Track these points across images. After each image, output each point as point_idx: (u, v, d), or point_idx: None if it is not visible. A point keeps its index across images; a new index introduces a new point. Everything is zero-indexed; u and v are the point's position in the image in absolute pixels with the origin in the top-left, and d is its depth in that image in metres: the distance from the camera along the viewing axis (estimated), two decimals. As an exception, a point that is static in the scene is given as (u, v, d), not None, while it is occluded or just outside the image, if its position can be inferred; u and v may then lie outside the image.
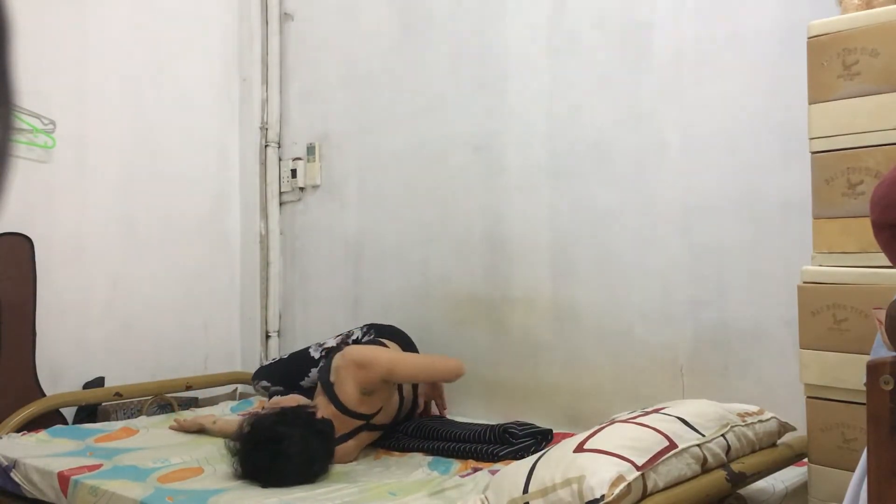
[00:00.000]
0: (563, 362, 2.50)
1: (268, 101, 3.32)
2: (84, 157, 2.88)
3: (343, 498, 1.79)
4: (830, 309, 1.56)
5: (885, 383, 0.97)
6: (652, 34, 2.35)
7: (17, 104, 0.52)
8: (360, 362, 2.11)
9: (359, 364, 2.11)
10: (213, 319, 3.27)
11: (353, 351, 2.18)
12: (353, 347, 2.23)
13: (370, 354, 2.16)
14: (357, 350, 2.20)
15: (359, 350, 2.20)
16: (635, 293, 2.37)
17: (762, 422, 1.77)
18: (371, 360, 2.12)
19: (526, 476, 1.46)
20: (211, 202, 3.28)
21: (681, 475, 1.50)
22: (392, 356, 2.23)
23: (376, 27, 3.01)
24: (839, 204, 1.58)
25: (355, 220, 3.07)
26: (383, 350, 2.27)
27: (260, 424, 1.95)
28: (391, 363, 2.16)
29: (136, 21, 3.04)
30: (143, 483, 1.94)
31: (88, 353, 2.87)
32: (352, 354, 2.15)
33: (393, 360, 2.20)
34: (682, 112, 2.29)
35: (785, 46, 2.10)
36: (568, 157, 2.51)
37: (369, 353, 2.17)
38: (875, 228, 1.10)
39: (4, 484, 2.16)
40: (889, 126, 1.52)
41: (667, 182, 2.32)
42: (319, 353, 2.52)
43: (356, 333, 2.54)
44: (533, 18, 2.59)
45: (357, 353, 2.17)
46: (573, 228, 2.50)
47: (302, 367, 2.52)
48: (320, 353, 2.51)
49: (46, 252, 2.75)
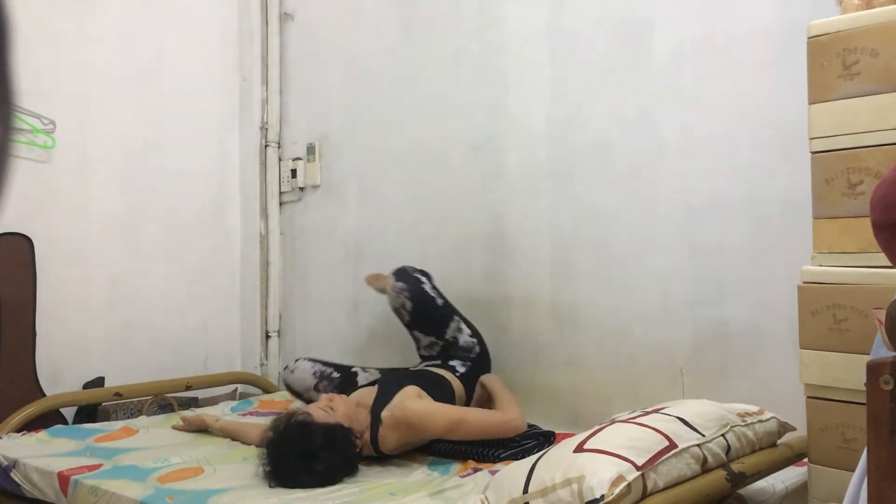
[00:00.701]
0: (563, 362, 2.50)
1: (268, 101, 3.32)
2: (84, 157, 2.88)
3: (343, 498, 1.79)
4: (830, 309, 1.56)
5: (885, 383, 0.97)
6: (652, 34, 2.35)
7: (17, 104, 0.52)
8: (414, 425, 2.02)
9: (411, 425, 2.02)
10: (213, 319, 3.27)
11: (411, 409, 2.03)
12: (413, 405, 2.05)
13: (428, 418, 2.03)
14: (416, 410, 2.04)
15: (417, 410, 2.04)
16: (635, 293, 2.37)
17: (762, 422, 1.77)
18: (426, 425, 2.02)
19: (526, 476, 1.46)
20: (211, 202, 3.28)
21: (681, 475, 1.50)
22: (450, 421, 2.04)
23: (376, 27, 3.01)
24: (839, 204, 1.58)
25: (355, 220, 3.07)
26: (443, 413, 2.06)
27: (303, 431, 1.94)
28: (447, 429, 2.03)
29: (137, 21, 3.04)
30: (142, 483, 1.94)
31: (88, 353, 2.87)
32: (408, 413, 2.02)
33: (450, 425, 2.04)
34: (682, 112, 2.29)
35: (785, 46, 2.10)
36: (568, 158, 2.51)
37: (427, 417, 2.03)
38: (875, 228, 1.10)
39: (4, 484, 2.16)
40: (889, 126, 1.52)
41: (667, 182, 2.32)
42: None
43: (459, 368, 2.42)
44: (533, 18, 2.59)
45: (414, 413, 2.02)
46: (573, 228, 2.50)
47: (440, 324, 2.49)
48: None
49: (46, 252, 2.75)
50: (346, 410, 2.07)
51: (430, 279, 2.56)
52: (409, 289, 2.46)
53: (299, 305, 3.25)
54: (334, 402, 2.09)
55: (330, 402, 2.08)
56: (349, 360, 3.04)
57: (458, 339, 2.47)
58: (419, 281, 2.50)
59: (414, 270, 2.56)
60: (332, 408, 2.06)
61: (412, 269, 2.56)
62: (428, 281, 2.54)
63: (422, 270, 2.58)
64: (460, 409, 2.12)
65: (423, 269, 2.59)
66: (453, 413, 2.07)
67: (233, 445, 2.33)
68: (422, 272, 2.57)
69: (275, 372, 3.28)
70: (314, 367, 2.53)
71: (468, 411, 2.13)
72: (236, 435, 2.40)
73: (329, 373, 2.52)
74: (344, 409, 2.07)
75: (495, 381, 2.34)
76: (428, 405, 2.08)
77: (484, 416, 2.11)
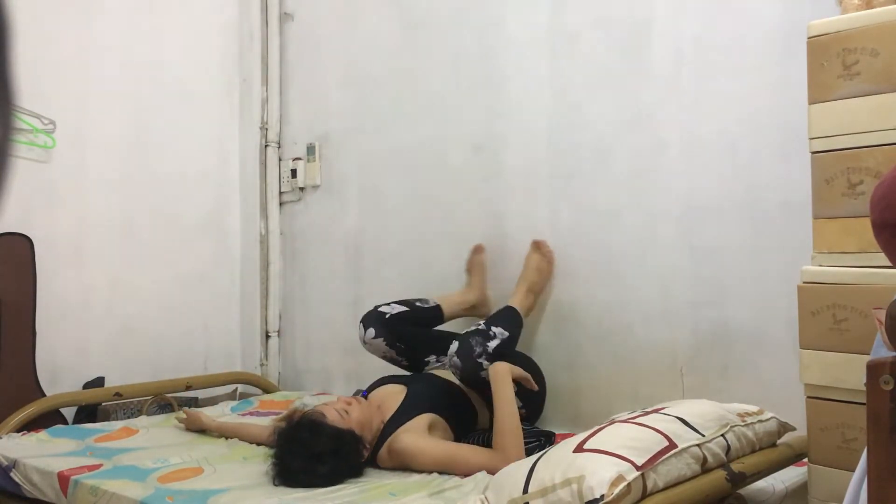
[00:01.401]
0: (563, 362, 2.50)
1: (268, 101, 3.32)
2: (84, 157, 2.88)
3: (343, 498, 1.79)
4: (830, 309, 1.56)
5: (885, 383, 0.97)
6: (652, 34, 2.35)
7: (17, 104, 0.52)
8: (405, 460, 1.99)
9: (403, 460, 1.99)
10: (213, 319, 3.27)
11: (407, 446, 1.99)
12: (410, 442, 1.99)
13: (420, 458, 1.97)
14: (410, 448, 1.98)
15: (411, 449, 1.98)
16: (635, 293, 2.37)
17: (762, 422, 1.77)
18: (416, 464, 1.98)
19: (526, 476, 1.46)
20: (211, 202, 3.28)
21: (681, 475, 1.50)
22: (439, 464, 1.97)
23: (376, 27, 3.01)
24: (839, 204, 1.58)
25: (355, 220, 3.07)
26: (433, 456, 1.98)
27: (313, 432, 1.92)
28: (437, 469, 1.96)
29: (136, 21, 3.04)
30: (143, 483, 1.94)
31: (88, 354, 2.87)
32: (402, 448, 1.99)
33: (440, 467, 1.96)
34: (682, 112, 2.29)
35: (785, 46, 2.10)
36: (568, 158, 2.51)
37: (420, 457, 1.97)
38: (875, 229, 1.10)
39: (4, 484, 2.16)
40: (889, 126, 1.52)
41: (667, 182, 2.32)
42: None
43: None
44: (533, 18, 2.59)
45: (406, 451, 1.98)
46: (573, 228, 2.50)
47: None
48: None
49: (46, 252, 2.75)
50: (361, 417, 2.04)
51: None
52: (462, 370, 2.20)
53: (299, 305, 3.25)
54: (351, 407, 2.05)
55: (347, 406, 2.05)
56: (351, 359, 3.04)
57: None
58: (479, 367, 2.18)
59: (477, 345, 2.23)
60: (347, 412, 2.02)
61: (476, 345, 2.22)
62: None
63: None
64: (453, 453, 1.99)
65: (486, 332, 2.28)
66: (444, 457, 1.97)
67: (233, 445, 2.33)
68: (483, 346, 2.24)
69: (275, 372, 3.28)
70: (384, 352, 2.49)
71: (460, 455, 1.98)
72: (237, 434, 2.40)
73: (399, 360, 2.50)
74: (359, 416, 2.04)
75: (498, 391, 2.08)
76: (424, 446, 1.99)
77: (476, 461, 1.95)
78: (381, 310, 2.50)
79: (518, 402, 2.05)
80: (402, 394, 2.16)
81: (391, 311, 2.50)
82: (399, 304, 2.53)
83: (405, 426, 2.04)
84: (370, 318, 2.49)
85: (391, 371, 2.48)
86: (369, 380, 2.40)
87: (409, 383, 2.24)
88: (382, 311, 2.50)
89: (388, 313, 2.49)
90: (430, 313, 2.55)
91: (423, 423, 2.07)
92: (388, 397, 2.17)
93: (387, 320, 2.47)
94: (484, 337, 2.22)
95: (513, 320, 2.36)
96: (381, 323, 2.47)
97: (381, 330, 2.46)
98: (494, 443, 1.98)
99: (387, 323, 2.47)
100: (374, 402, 2.15)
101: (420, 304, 2.56)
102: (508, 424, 1.99)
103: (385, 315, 2.48)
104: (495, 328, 2.27)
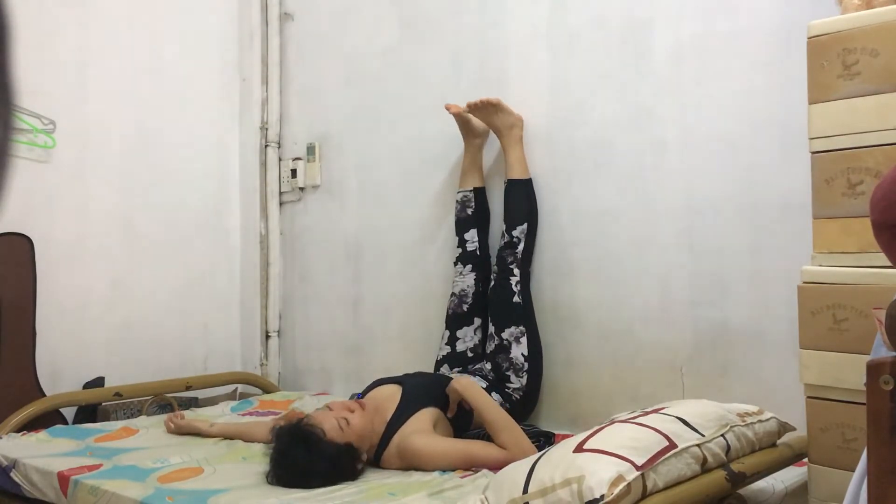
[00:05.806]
0: (563, 362, 2.50)
1: (268, 101, 3.32)
2: (84, 157, 2.88)
3: (343, 498, 1.79)
4: (830, 309, 1.56)
5: (885, 383, 0.97)
6: (652, 33, 2.35)
7: (17, 104, 0.52)
8: (417, 460, 1.98)
9: (413, 460, 1.98)
10: (213, 319, 3.27)
11: (418, 446, 1.98)
12: (420, 442, 1.99)
13: (433, 457, 1.97)
14: (421, 448, 1.98)
15: (422, 449, 1.98)
16: (635, 293, 2.37)
17: (762, 422, 1.77)
18: (429, 463, 1.97)
19: (525, 476, 1.46)
20: (211, 202, 3.28)
21: (680, 475, 1.50)
22: (453, 462, 1.96)
23: (376, 27, 3.01)
24: (839, 204, 1.58)
25: (355, 220, 3.07)
26: (445, 454, 1.97)
27: (308, 448, 1.90)
28: (450, 467, 1.96)
29: (136, 21, 3.04)
30: (143, 483, 1.94)
31: (88, 354, 2.87)
32: (414, 449, 1.98)
33: (454, 465, 1.96)
34: (682, 112, 2.29)
35: (785, 46, 2.10)
36: (568, 157, 2.51)
37: (433, 456, 1.97)
38: (875, 229, 1.10)
39: (4, 484, 2.16)
40: (889, 126, 1.52)
41: (667, 182, 2.32)
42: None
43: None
44: (533, 18, 2.59)
45: (419, 451, 1.98)
46: (573, 228, 2.50)
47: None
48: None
49: (46, 252, 2.75)
50: (362, 428, 2.00)
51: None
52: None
53: (299, 305, 3.25)
54: (353, 415, 1.99)
55: (349, 414, 1.99)
56: (351, 359, 3.04)
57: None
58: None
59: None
60: (348, 421, 1.97)
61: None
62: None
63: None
64: (468, 452, 1.98)
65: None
66: (459, 457, 1.96)
67: (233, 445, 2.33)
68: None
69: (275, 372, 3.28)
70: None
71: (474, 453, 1.97)
72: (237, 435, 2.39)
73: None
74: (360, 424, 2.00)
75: (477, 397, 2.09)
76: (435, 445, 1.99)
77: (493, 457, 1.94)
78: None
79: (498, 398, 2.16)
80: (399, 392, 2.17)
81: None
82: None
83: (410, 426, 2.04)
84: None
85: (391, 371, 2.48)
86: (369, 380, 2.40)
87: (403, 381, 2.25)
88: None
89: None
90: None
91: (427, 420, 2.07)
92: (385, 398, 2.16)
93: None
94: (511, 248, 2.50)
95: (521, 204, 2.52)
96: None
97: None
98: (500, 441, 1.97)
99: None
100: (371, 404, 2.14)
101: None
102: (505, 421, 2.02)
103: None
104: (514, 232, 2.51)
